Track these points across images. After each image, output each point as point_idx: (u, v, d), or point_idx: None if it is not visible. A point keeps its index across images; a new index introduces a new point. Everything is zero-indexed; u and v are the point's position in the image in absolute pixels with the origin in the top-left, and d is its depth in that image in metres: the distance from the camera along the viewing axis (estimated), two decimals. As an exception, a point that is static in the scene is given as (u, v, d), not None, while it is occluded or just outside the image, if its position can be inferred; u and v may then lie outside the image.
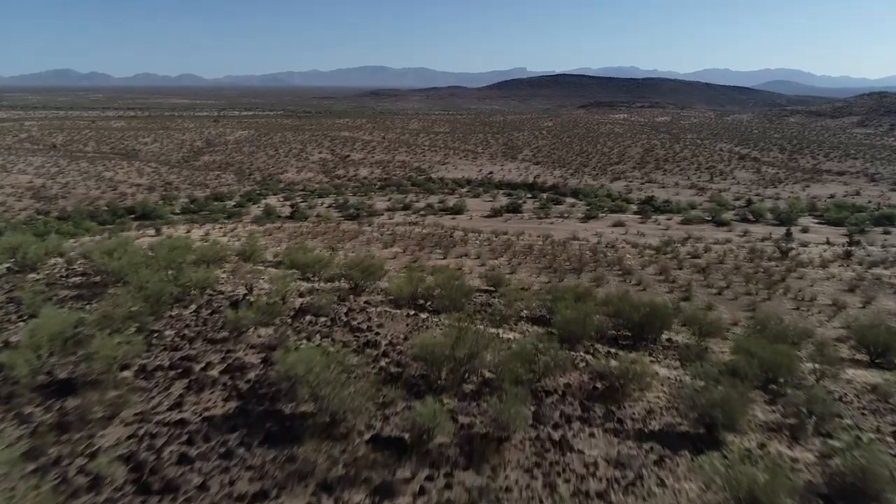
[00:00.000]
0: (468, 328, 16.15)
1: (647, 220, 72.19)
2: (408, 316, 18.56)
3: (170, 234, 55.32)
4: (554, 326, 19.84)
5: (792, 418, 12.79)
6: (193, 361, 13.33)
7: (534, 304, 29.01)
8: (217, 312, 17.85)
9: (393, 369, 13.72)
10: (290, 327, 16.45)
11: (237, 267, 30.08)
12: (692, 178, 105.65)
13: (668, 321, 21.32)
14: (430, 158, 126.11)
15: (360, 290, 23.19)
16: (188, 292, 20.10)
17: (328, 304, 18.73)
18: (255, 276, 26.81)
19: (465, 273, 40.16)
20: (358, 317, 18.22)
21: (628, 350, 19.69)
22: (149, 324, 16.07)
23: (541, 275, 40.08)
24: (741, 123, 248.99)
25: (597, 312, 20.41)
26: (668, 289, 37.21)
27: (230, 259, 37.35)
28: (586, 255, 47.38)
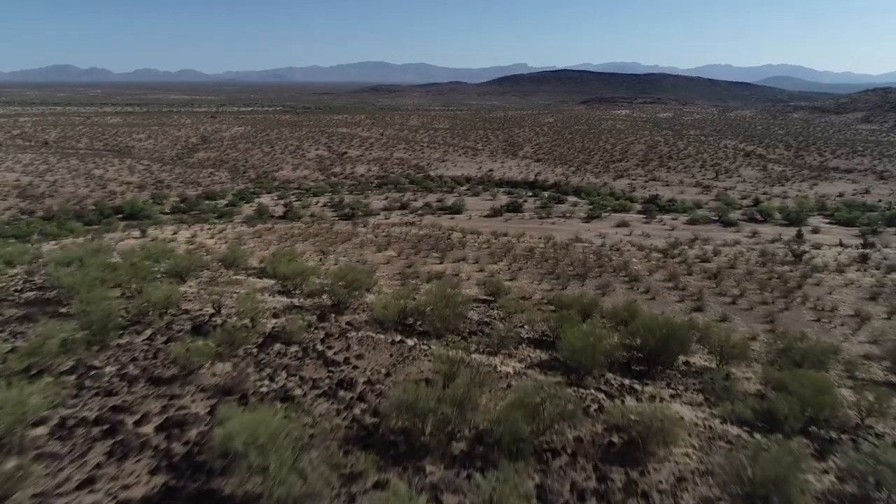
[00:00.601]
0: (460, 363, 13.87)
1: (652, 220, 69.84)
2: (392, 343, 16.25)
3: (155, 236, 53.02)
4: (559, 352, 17.59)
5: (852, 484, 10.49)
6: (127, 412, 11.07)
7: (536, 318, 26.77)
8: (175, 339, 15.55)
9: (368, 419, 11.43)
10: (253, 361, 14.16)
11: (214, 277, 27.78)
12: (697, 176, 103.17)
13: (687, 345, 19.00)
14: (428, 155, 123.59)
15: (344, 308, 20.87)
16: (146, 313, 17.79)
17: (302, 328, 16.42)
18: (231, 289, 24.52)
19: (463, 280, 37.88)
20: (335, 344, 15.92)
21: (643, 379, 17.43)
22: (89, 357, 13.76)
23: (543, 281, 37.74)
24: (744, 119, 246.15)
25: (606, 337, 18.02)
26: (678, 297, 34.89)
27: (211, 266, 35.11)
28: (590, 258, 45.04)
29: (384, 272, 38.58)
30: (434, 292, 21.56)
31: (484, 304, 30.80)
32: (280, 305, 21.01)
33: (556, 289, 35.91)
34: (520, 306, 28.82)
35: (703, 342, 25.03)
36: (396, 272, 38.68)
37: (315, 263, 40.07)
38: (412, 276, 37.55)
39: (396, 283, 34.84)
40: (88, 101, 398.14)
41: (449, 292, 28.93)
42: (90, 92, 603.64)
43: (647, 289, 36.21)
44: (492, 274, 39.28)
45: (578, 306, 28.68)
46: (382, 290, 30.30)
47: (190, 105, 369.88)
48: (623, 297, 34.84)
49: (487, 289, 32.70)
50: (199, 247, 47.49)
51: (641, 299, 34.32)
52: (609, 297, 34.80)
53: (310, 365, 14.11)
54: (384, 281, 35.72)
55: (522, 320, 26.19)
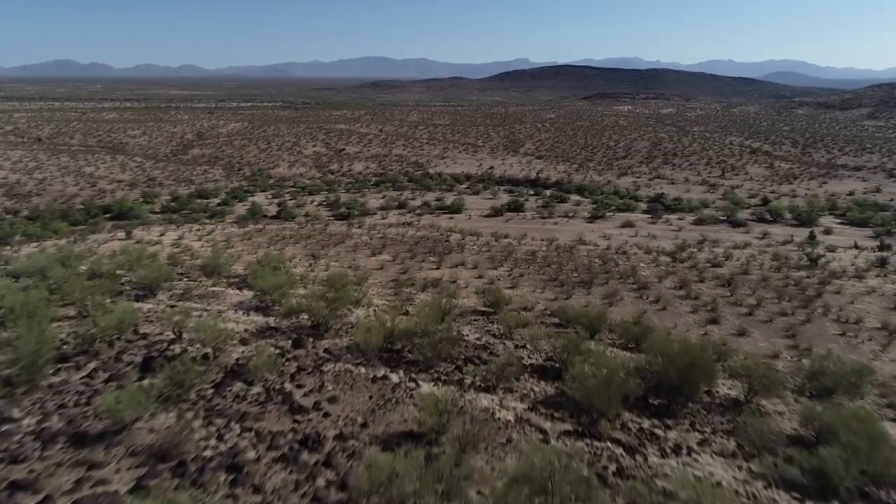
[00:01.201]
0: (451, 411, 11.60)
1: (658, 220, 67.55)
2: (374, 381, 13.96)
3: (141, 238, 50.80)
4: (566, 384, 15.32)
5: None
6: (29, 491, 8.82)
7: (540, 333, 24.57)
8: (117, 378, 13.29)
9: (334, 496, 9.16)
10: (204, 408, 11.89)
11: (189, 288, 25.53)
12: (703, 174, 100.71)
13: (713, 373, 16.72)
14: (428, 152, 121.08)
15: (325, 330, 18.60)
16: (94, 341, 15.52)
17: (270, 361, 14.17)
18: (203, 305, 22.28)
19: (461, 287, 35.60)
20: (307, 381, 13.66)
21: (663, 418, 15.17)
22: (7, 404, 11.50)
23: (546, 289, 35.43)
24: (748, 115, 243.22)
25: (620, 369, 15.73)
26: (691, 307, 32.60)
27: (191, 273, 32.85)
28: (595, 263, 42.73)
29: (377, 279, 36.32)
30: (426, 313, 19.27)
31: (483, 316, 28.56)
32: (253, 327, 18.75)
33: (560, 298, 33.65)
34: (521, 320, 26.59)
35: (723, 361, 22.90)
36: (390, 279, 36.41)
37: (304, 269, 37.86)
38: (407, 283, 35.28)
39: (389, 293, 32.60)
40: (88, 97, 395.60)
41: (445, 305, 26.79)
42: (90, 87, 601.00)
43: (658, 298, 33.91)
44: (491, 281, 37.00)
45: (585, 320, 26.45)
46: (373, 301, 28.06)
47: (189, 100, 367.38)
48: (632, 307, 32.58)
49: (487, 299, 30.47)
50: (185, 250, 45.26)
51: (652, 310, 32.05)
52: (617, 307, 32.54)
53: (272, 412, 11.85)
54: (377, 289, 33.46)
55: (524, 337, 23.99)
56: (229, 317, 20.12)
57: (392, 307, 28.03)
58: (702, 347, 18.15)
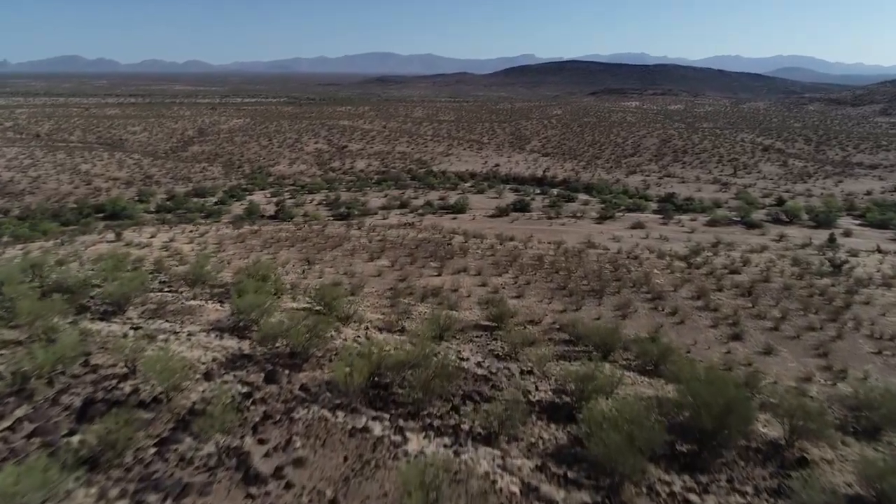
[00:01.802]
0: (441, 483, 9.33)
1: (670, 221, 65.04)
2: (352, 433, 11.70)
3: (130, 240, 48.71)
4: (582, 431, 13.09)
5: None
6: None
7: (548, 353, 22.41)
8: (46, 431, 11.07)
9: None
10: (138, 478, 9.65)
11: (163, 303, 23.34)
12: (714, 172, 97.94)
13: (751, 418, 14.40)
14: (432, 149, 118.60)
15: (305, 358, 16.36)
16: (30, 378, 13.33)
17: (231, 407, 11.94)
18: (174, 325, 20.10)
19: (462, 297, 33.32)
20: (272, 434, 11.43)
21: (695, 474, 12.89)
22: None
23: (554, 299, 33.10)
24: (758, 111, 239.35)
25: (646, 412, 13.44)
26: (710, 320, 30.21)
27: (174, 282, 30.68)
28: (606, 269, 40.36)
29: (374, 287, 34.07)
30: (421, 338, 17.03)
31: (485, 332, 26.28)
32: (223, 355, 16.51)
33: (569, 309, 31.33)
34: (527, 336, 24.31)
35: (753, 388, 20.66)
36: (388, 287, 34.15)
37: (296, 277, 35.65)
38: (405, 292, 33.02)
39: (385, 304, 30.34)
40: (93, 92, 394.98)
41: (443, 321, 24.53)
42: (96, 83, 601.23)
43: (674, 309, 31.52)
44: (496, 289, 34.70)
45: (597, 338, 24.15)
46: (365, 316, 25.81)
47: (194, 96, 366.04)
48: (647, 320, 30.22)
49: (490, 311, 28.20)
50: (174, 254, 43.13)
51: (668, 323, 29.70)
52: (630, 319, 30.20)
53: (222, 484, 9.62)
54: (372, 300, 31.21)
55: (531, 359, 21.72)
56: (199, 341, 17.91)
57: (386, 322, 25.85)
58: (735, 383, 15.78)
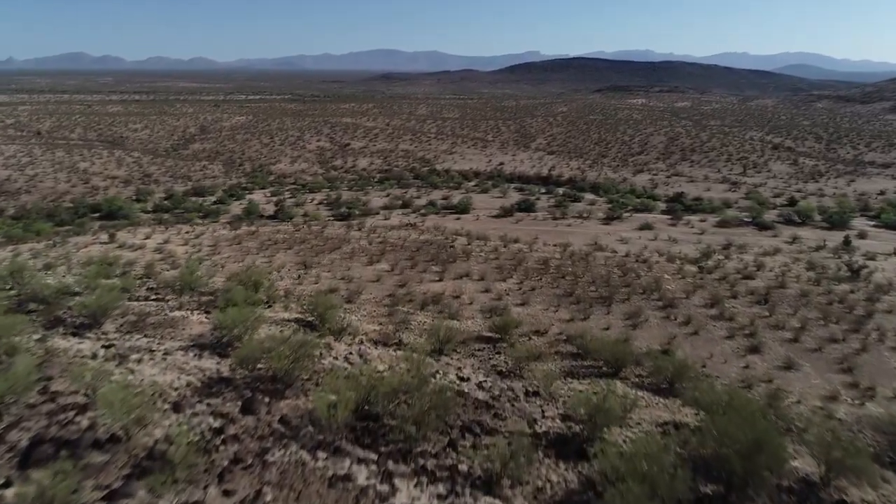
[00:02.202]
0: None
1: (679, 222, 63.33)
2: (331, 483, 10.20)
3: (123, 242, 47.34)
4: (596, 472, 11.61)
5: None
6: None
7: (555, 370, 21.01)
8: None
9: None
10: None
11: (143, 315, 21.91)
12: (723, 171, 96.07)
13: (783, 457, 12.82)
14: (435, 147, 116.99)
15: (289, 383, 14.88)
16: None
17: (192, 449, 10.46)
18: (151, 341, 18.68)
19: (464, 304, 31.81)
20: (241, 483, 9.95)
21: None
22: None
23: (560, 307, 31.53)
24: (766, 109, 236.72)
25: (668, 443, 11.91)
26: (726, 331, 28.60)
27: (162, 287, 29.25)
28: (614, 274, 38.76)
29: (372, 294, 32.58)
30: (416, 358, 15.55)
31: (488, 344, 24.78)
32: (199, 378, 15.04)
33: (576, 318, 29.77)
34: (533, 349, 22.80)
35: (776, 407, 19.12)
36: (387, 294, 32.66)
37: (291, 282, 34.18)
38: (404, 299, 31.52)
39: (383, 313, 28.83)
40: (97, 89, 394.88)
41: (443, 334, 23.10)
42: (101, 80, 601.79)
43: (687, 318, 29.91)
44: (499, 296, 33.17)
45: (607, 353, 22.61)
46: (361, 328, 24.32)
47: (198, 93, 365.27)
48: (659, 330, 28.65)
49: (493, 321, 26.68)
50: (167, 256, 41.75)
51: (682, 334, 28.11)
52: (641, 330, 28.64)
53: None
54: (369, 308, 29.72)
55: (537, 376, 20.22)
56: (175, 361, 16.45)
57: (383, 334, 24.34)
58: (763, 413, 14.21)
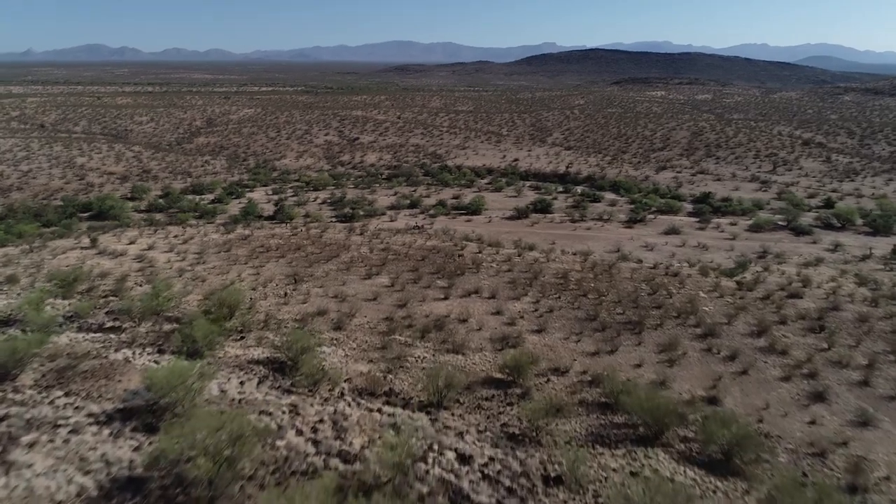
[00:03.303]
0: None
1: (707, 226, 58.55)
2: None
3: (105, 247, 43.62)
4: None
5: None
6: None
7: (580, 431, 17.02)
8: None
9: None
10: None
11: (73, 365, 17.97)
12: (751, 169, 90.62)
13: None
14: (447, 142, 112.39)
15: (218, 493, 10.83)
16: None
17: None
18: (73, 402, 14.76)
19: (472, 330, 27.61)
20: None
21: None
22: None
23: (582, 335, 27.21)
24: (790, 102, 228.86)
25: None
26: (780, 370, 24.13)
27: (122, 312, 25.32)
28: (642, 290, 34.33)
29: (365, 317, 28.46)
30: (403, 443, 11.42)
31: (499, 390, 20.64)
32: (96, 484, 10.97)
33: (602, 351, 25.48)
34: (552, 402, 18.62)
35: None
36: (383, 317, 28.53)
37: (276, 301, 30.10)
38: (402, 324, 27.37)
39: (375, 344, 24.68)
40: (112, 81, 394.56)
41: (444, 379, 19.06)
42: (117, 71, 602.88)
43: (732, 352, 25.47)
44: (512, 319, 28.91)
45: (644, 411, 18.26)
46: (343, 373, 20.15)
47: (212, 85, 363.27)
48: (700, 369, 24.26)
49: (505, 357, 22.47)
50: (146, 266, 37.93)
51: (728, 374, 23.71)
52: (679, 367, 24.27)
53: None
54: (360, 336, 25.59)
55: (558, 446, 16.10)
56: (80, 446, 12.47)
57: (370, 379, 20.22)
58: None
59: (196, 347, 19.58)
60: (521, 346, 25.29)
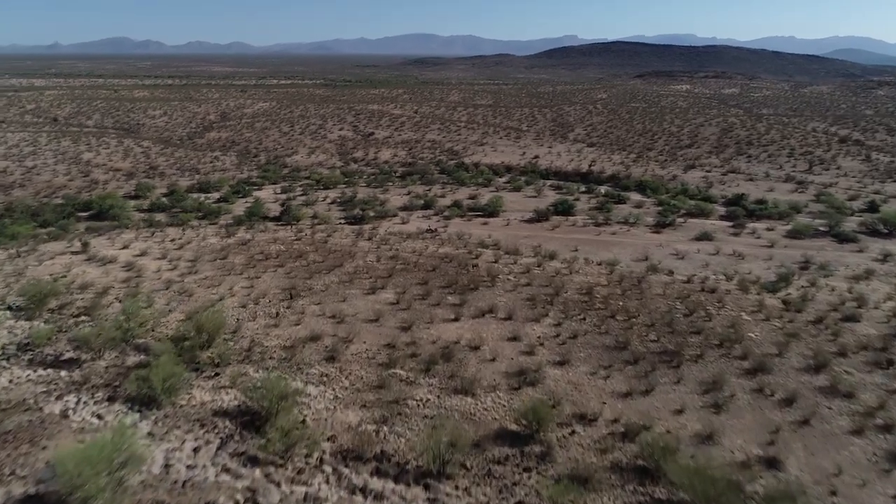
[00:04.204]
0: None
1: (742, 231, 54.15)
2: None
3: (94, 254, 40.87)
4: None
5: None
6: None
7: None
8: None
9: None
10: None
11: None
12: (786, 168, 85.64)
13: None
14: (465, 138, 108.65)
15: None
16: None
17: None
18: None
19: (485, 360, 24.21)
20: None
21: None
22: None
23: (611, 369, 23.66)
24: (822, 96, 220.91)
25: None
26: (849, 419, 20.41)
27: (88, 339, 22.33)
28: (677, 310, 30.64)
29: (365, 342, 25.18)
30: None
31: (513, 447, 17.22)
32: None
33: (635, 391, 21.94)
34: (579, 466, 15.16)
35: None
36: (384, 343, 25.24)
37: (266, 323, 26.92)
38: (405, 354, 24.03)
39: (371, 380, 21.41)
40: (133, 73, 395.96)
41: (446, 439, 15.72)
42: (139, 64, 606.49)
43: (790, 395, 21.77)
44: (531, 348, 25.44)
45: (694, 486, 14.74)
46: (331, 423, 16.83)
47: (231, 78, 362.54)
48: (753, 417, 20.61)
49: (522, 404, 19.04)
50: (134, 276, 35.08)
51: (787, 424, 20.06)
52: (728, 415, 20.63)
53: None
54: (355, 372, 22.31)
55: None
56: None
57: (358, 439, 16.92)
58: None
59: (154, 394, 16.41)
60: (541, 383, 21.88)
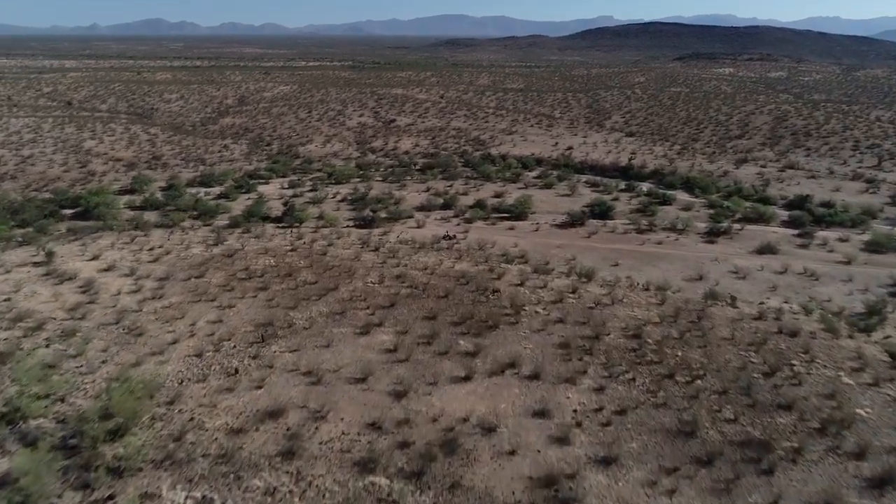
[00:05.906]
0: None
1: (811, 241, 46.23)
2: None
3: (55, 268, 35.39)
4: None
5: None
6: None
7: None
8: None
9: None
10: None
11: None
12: (851, 163, 76.50)
13: None
14: (493, 125, 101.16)
15: None
16: None
17: None
18: None
19: (502, 454, 17.77)
20: None
21: None
22: None
23: (678, 476, 17.00)
24: (878, 81, 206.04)
25: None
26: None
27: None
28: (753, 365, 23.74)
29: (343, 418, 18.94)
30: None
31: None
32: None
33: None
34: None
35: None
36: (367, 422, 18.95)
37: (217, 385, 20.70)
38: (393, 443, 17.72)
39: (339, 498, 15.16)
40: (165, 55, 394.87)
41: None
42: (172, 45, 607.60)
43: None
44: (565, 432, 18.93)
45: None
46: None
47: (260, 59, 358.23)
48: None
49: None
50: (87, 301, 29.43)
51: None
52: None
53: None
54: (320, 476, 16.07)
55: None
56: None
57: None
58: None
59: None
60: (579, 502, 15.40)
